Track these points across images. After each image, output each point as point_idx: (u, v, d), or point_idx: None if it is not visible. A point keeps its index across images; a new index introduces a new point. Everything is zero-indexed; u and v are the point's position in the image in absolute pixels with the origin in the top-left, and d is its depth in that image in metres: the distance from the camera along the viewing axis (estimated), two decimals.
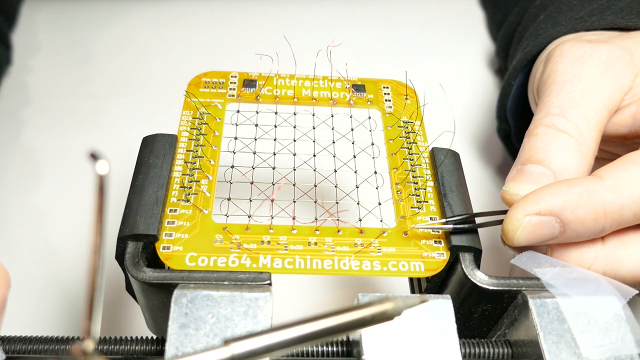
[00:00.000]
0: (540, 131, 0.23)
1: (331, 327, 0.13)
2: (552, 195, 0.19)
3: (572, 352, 0.17)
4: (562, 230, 0.19)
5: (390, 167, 0.23)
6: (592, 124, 0.23)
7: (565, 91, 0.24)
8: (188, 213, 0.21)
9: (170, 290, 0.18)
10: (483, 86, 0.42)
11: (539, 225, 0.19)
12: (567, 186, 0.20)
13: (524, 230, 0.19)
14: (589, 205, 0.19)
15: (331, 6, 0.48)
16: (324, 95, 0.27)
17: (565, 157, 0.22)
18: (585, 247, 0.20)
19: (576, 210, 0.19)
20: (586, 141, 0.22)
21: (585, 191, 0.19)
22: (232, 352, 0.13)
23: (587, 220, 0.19)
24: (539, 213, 0.19)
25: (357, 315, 0.13)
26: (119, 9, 0.46)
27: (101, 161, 0.11)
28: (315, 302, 0.30)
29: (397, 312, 0.14)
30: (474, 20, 0.48)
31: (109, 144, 0.37)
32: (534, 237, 0.20)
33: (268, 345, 0.13)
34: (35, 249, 0.32)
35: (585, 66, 0.24)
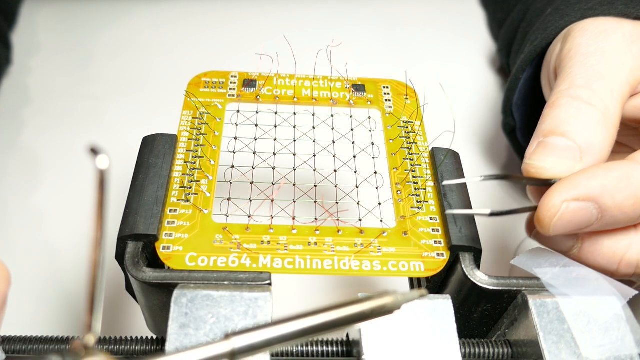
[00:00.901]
0: (564, 102, 0.22)
1: (331, 321, 0.13)
2: (589, 180, 0.19)
3: (572, 352, 0.17)
4: (599, 216, 0.19)
5: (390, 167, 0.23)
6: (617, 98, 0.22)
7: (589, 63, 0.23)
8: (188, 213, 0.21)
9: (170, 290, 0.18)
10: (483, 86, 0.42)
11: (578, 211, 0.19)
12: (604, 171, 0.19)
13: (562, 217, 0.19)
14: (629, 190, 0.18)
15: (331, 6, 0.48)
16: (324, 95, 0.27)
17: (591, 130, 0.21)
18: (618, 234, 0.20)
19: (615, 196, 0.18)
20: (611, 115, 0.21)
21: (624, 176, 0.19)
22: (232, 346, 0.12)
23: (626, 206, 0.18)
24: (577, 199, 0.18)
25: (357, 310, 0.13)
26: (119, 9, 0.46)
27: (101, 156, 0.11)
28: (315, 302, 0.30)
29: (396, 306, 0.14)
30: (474, 20, 0.48)
31: (109, 144, 0.37)
32: (572, 225, 0.19)
33: (268, 339, 0.13)
34: (35, 249, 0.32)
35: (609, 40, 0.23)
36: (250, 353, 0.13)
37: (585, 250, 0.20)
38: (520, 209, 0.20)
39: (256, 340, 0.13)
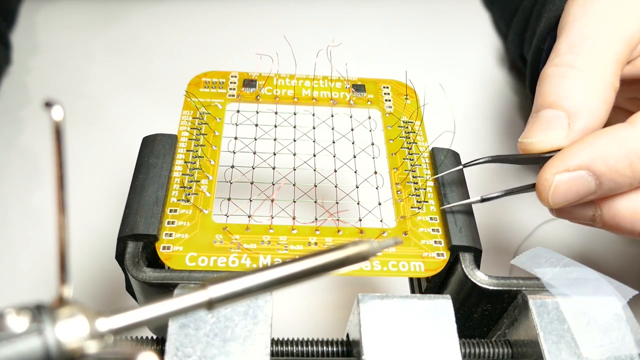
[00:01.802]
0: (549, 72, 0.21)
1: (309, 269, 0.13)
2: (580, 149, 0.19)
3: (572, 352, 0.17)
4: (597, 183, 0.19)
5: (390, 167, 0.23)
6: (608, 56, 0.21)
7: (575, 28, 0.22)
8: (188, 213, 0.21)
9: (171, 290, 0.18)
10: (483, 85, 0.42)
11: (571, 182, 0.19)
12: (594, 137, 0.19)
13: (556, 189, 0.19)
14: (620, 152, 0.18)
15: (331, 6, 0.48)
16: (324, 95, 0.27)
17: (579, 93, 0.20)
18: (633, 194, 0.19)
19: (607, 160, 0.18)
20: (602, 75, 0.21)
21: (614, 139, 0.18)
22: (209, 296, 0.12)
23: (622, 169, 0.18)
24: (568, 169, 0.19)
25: (334, 257, 0.13)
26: (118, 9, 0.46)
27: (56, 107, 0.11)
28: (315, 302, 0.30)
29: (372, 253, 0.14)
30: (474, 19, 0.48)
31: (108, 144, 0.37)
32: (570, 195, 0.19)
33: (246, 287, 0.13)
34: (35, 248, 0.32)
35: (595, 1, 0.22)
36: (227, 301, 0.12)
37: (606, 216, 0.20)
38: (516, 188, 0.20)
39: (233, 289, 0.12)
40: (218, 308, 0.13)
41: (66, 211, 0.12)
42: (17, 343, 0.11)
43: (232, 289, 0.12)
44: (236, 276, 0.13)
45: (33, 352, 0.11)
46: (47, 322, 0.11)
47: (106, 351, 0.11)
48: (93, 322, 0.11)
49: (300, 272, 0.13)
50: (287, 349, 0.18)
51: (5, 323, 0.11)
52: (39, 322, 0.11)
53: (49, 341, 0.11)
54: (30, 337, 0.11)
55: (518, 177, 0.36)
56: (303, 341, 0.19)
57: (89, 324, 0.11)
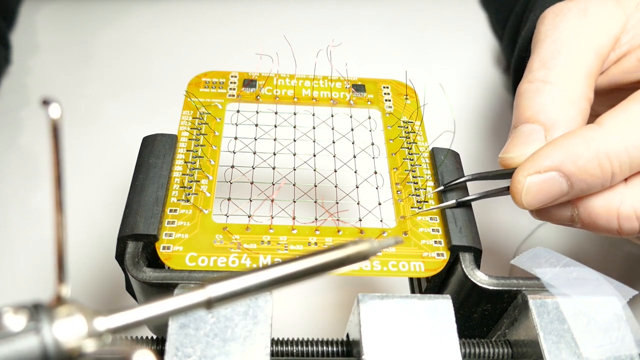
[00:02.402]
0: (524, 89, 0.22)
1: (308, 268, 0.13)
2: (550, 151, 0.19)
3: (572, 352, 0.17)
4: (569, 184, 0.19)
5: (390, 167, 0.23)
6: (580, 70, 0.22)
7: (546, 45, 0.23)
8: (188, 213, 0.21)
9: (171, 290, 0.18)
10: (483, 85, 0.42)
11: (543, 183, 0.19)
12: (564, 139, 0.19)
13: (528, 191, 0.19)
14: (589, 152, 0.19)
15: (331, 6, 0.48)
16: (324, 95, 0.27)
17: (553, 107, 0.21)
18: (607, 192, 0.20)
19: (577, 160, 0.19)
20: (575, 88, 0.21)
21: (583, 139, 0.19)
22: (208, 295, 0.12)
23: (591, 168, 0.19)
24: (538, 171, 0.19)
25: (334, 256, 0.13)
26: (118, 9, 0.46)
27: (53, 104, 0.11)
28: (315, 302, 0.30)
29: (372, 252, 0.14)
30: (474, 19, 0.48)
31: (108, 144, 0.37)
32: (542, 197, 0.19)
33: (244, 287, 0.13)
34: (34, 248, 0.32)
35: (565, 18, 0.23)
36: (227, 301, 0.12)
37: (582, 215, 0.20)
38: (491, 191, 0.21)
39: (232, 289, 0.12)
40: (217, 307, 0.13)
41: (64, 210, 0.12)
42: (14, 342, 0.11)
43: (231, 289, 0.12)
44: (235, 276, 0.13)
45: (30, 351, 0.11)
46: (44, 321, 0.11)
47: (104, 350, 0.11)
48: (91, 321, 0.11)
49: (300, 271, 0.13)
50: (287, 349, 0.18)
51: (3, 322, 0.11)
52: (36, 321, 0.11)
53: (47, 340, 0.11)
54: (27, 336, 0.11)
55: None
56: (303, 341, 0.19)
57: (87, 323, 0.11)
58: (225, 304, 0.13)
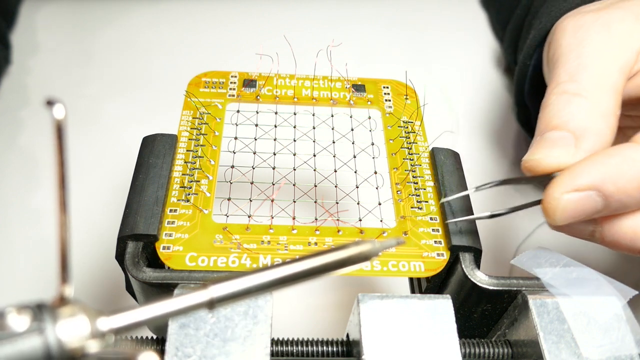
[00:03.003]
0: (553, 100, 0.22)
1: (310, 269, 0.13)
2: (589, 168, 0.19)
3: (572, 352, 0.17)
4: (605, 203, 0.19)
5: (390, 167, 0.23)
6: (606, 86, 0.22)
7: (571, 59, 0.23)
8: (188, 213, 0.21)
9: (171, 290, 0.18)
10: (483, 85, 0.42)
11: (579, 201, 0.19)
12: (603, 157, 0.19)
13: (564, 209, 0.19)
14: (630, 173, 0.18)
15: (331, 6, 0.48)
16: (324, 95, 0.27)
17: (584, 118, 0.20)
18: (637, 213, 0.19)
19: (617, 181, 0.18)
20: (603, 103, 0.21)
21: (624, 159, 0.18)
22: (210, 295, 0.12)
23: (631, 189, 0.18)
24: (577, 189, 0.18)
25: (336, 257, 0.13)
26: (118, 9, 0.46)
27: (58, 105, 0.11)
28: (315, 302, 0.30)
29: (374, 253, 0.14)
30: (474, 19, 0.48)
31: (108, 144, 0.37)
32: (576, 214, 0.19)
33: (247, 287, 0.13)
34: (34, 248, 0.32)
35: (588, 33, 0.23)
36: (229, 301, 0.12)
37: (606, 233, 0.20)
38: (522, 205, 0.20)
39: (235, 289, 0.12)
40: (219, 308, 0.13)
41: (67, 210, 0.12)
42: (18, 342, 0.11)
43: (234, 289, 0.12)
44: (237, 276, 0.13)
45: (34, 351, 0.11)
46: (48, 321, 0.11)
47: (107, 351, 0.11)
48: (94, 321, 0.11)
49: (302, 272, 0.13)
50: (287, 349, 0.18)
51: (6, 322, 0.11)
52: (39, 321, 0.11)
53: (50, 340, 0.11)
54: (31, 336, 0.11)
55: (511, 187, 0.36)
56: (303, 341, 0.19)
57: (90, 323, 0.11)
58: (228, 304, 0.13)
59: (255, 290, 0.13)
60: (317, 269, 0.13)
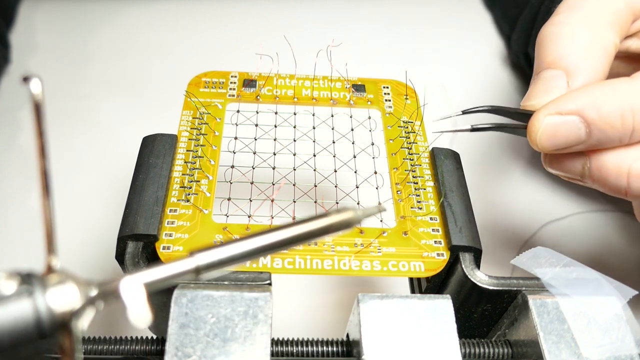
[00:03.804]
0: (547, 32, 0.21)
1: (294, 236, 0.13)
2: (576, 95, 0.19)
3: (572, 352, 0.17)
4: (587, 131, 0.19)
5: (390, 167, 0.23)
6: (607, 12, 0.21)
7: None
8: (188, 213, 0.21)
9: (170, 290, 0.18)
10: (484, 85, 0.42)
11: (561, 125, 0.19)
12: (593, 86, 0.19)
13: (545, 130, 0.19)
14: (613, 101, 0.18)
15: (331, 6, 0.48)
16: (324, 95, 0.27)
17: (576, 51, 0.20)
18: (622, 149, 0.19)
19: (600, 108, 0.18)
20: (599, 30, 0.20)
21: (611, 89, 0.18)
22: (196, 263, 0.13)
23: (613, 119, 0.18)
24: (560, 112, 0.19)
25: (318, 224, 0.14)
26: (118, 9, 0.46)
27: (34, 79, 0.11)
28: (315, 302, 0.30)
29: (356, 221, 0.14)
30: (474, 20, 0.48)
31: (108, 144, 0.37)
32: (558, 140, 0.19)
33: (231, 255, 0.13)
34: (34, 249, 0.32)
35: None
36: (214, 268, 0.13)
37: (593, 168, 0.20)
38: (508, 124, 0.20)
39: (219, 257, 0.13)
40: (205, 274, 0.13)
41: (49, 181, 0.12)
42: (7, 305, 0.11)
43: (218, 257, 0.13)
44: (222, 244, 0.13)
45: (24, 314, 0.11)
46: (37, 286, 0.11)
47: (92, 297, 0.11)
48: (83, 288, 0.11)
49: (286, 239, 0.13)
50: (287, 349, 0.18)
51: None
52: (29, 285, 0.11)
53: (39, 303, 0.11)
54: (20, 300, 0.11)
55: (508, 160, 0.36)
56: (303, 341, 0.19)
57: (78, 290, 0.11)
58: (213, 270, 0.13)
59: (240, 257, 0.13)
60: (300, 236, 0.13)
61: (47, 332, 0.11)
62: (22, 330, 0.11)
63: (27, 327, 0.11)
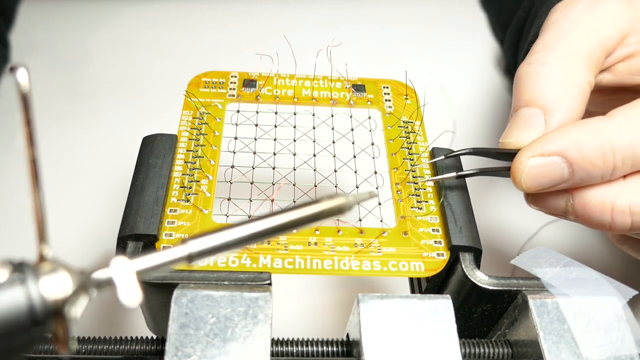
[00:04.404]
0: (524, 71, 0.22)
1: (286, 223, 0.14)
2: (557, 135, 0.19)
3: (572, 352, 0.17)
4: (570, 171, 0.19)
5: (390, 167, 0.23)
6: (581, 53, 0.22)
7: (550, 31, 0.23)
8: (188, 213, 0.21)
9: (170, 290, 0.18)
10: (485, 84, 0.42)
11: (545, 166, 0.19)
12: (572, 126, 0.19)
13: (529, 172, 0.19)
14: (594, 141, 0.19)
15: (331, 6, 0.48)
16: (324, 95, 0.27)
17: (552, 89, 0.21)
18: (605, 185, 0.20)
19: (581, 148, 0.19)
20: (574, 70, 0.21)
21: (590, 129, 0.19)
22: (188, 250, 0.13)
23: (594, 158, 0.19)
24: (542, 154, 0.19)
25: (310, 211, 0.14)
26: (118, 9, 0.46)
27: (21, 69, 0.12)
28: (315, 302, 0.30)
29: (347, 207, 0.14)
30: (474, 20, 0.48)
31: (108, 144, 0.37)
32: (542, 180, 0.19)
33: (224, 242, 0.13)
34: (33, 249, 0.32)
35: (573, 9, 0.23)
36: (206, 255, 0.13)
37: (577, 205, 0.20)
38: (492, 168, 0.21)
39: (212, 244, 0.13)
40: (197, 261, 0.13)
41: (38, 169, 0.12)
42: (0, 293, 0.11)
43: (211, 244, 0.13)
44: (214, 231, 0.13)
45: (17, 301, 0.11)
46: (29, 274, 0.11)
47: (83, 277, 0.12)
48: (75, 276, 0.12)
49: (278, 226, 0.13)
50: (287, 349, 0.18)
51: None
52: (21, 272, 0.11)
53: (32, 291, 0.11)
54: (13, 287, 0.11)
55: None
56: (303, 341, 0.19)
57: (70, 277, 0.11)
58: (205, 257, 0.13)
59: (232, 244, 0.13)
60: (292, 222, 0.13)
61: (41, 320, 0.11)
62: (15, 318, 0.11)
63: (20, 314, 0.11)
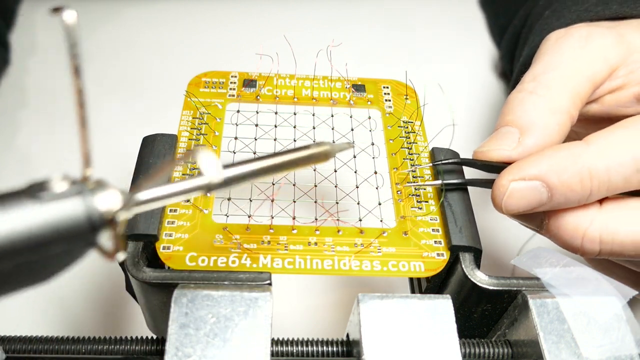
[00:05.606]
0: (512, 98, 0.23)
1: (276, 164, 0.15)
2: (538, 160, 0.20)
3: (572, 352, 0.17)
4: (549, 195, 0.20)
5: (390, 167, 0.23)
6: (568, 87, 0.22)
7: (542, 63, 0.24)
8: (188, 213, 0.21)
9: (170, 290, 0.18)
10: (483, 86, 0.42)
11: (525, 190, 0.20)
12: (552, 151, 0.20)
13: (510, 195, 0.20)
14: (573, 168, 0.19)
15: (331, 6, 0.48)
16: (324, 95, 0.27)
17: (533, 113, 0.22)
18: (580, 210, 0.20)
19: (561, 174, 0.19)
20: (557, 100, 0.22)
21: (569, 155, 0.20)
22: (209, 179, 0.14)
23: (573, 184, 0.19)
24: (523, 178, 0.20)
25: (299, 155, 0.16)
26: (118, 9, 0.46)
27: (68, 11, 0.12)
28: (315, 302, 0.30)
29: (331, 154, 0.16)
30: (475, 21, 0.48)
31: (108, 144, 0.37)
32: (522, 203, 0.20)
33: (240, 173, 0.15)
34: None
35: (565, 42, 0.24)
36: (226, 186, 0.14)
37: (551, 225, 0.21)
38: (476, 180, 0.22)
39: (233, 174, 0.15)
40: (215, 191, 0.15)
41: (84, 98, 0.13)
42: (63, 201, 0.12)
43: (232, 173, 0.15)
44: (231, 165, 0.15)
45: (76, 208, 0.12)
46: (86, 188, 0.13)
47: None
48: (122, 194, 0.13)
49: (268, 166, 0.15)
50: (287, 349, 0.18)
51: (51, 185, 0.12)
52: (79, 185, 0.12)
53: (89, 201, 0.12)
54: (74, 197, 0.12)
55: None
56: (303, 341, 0.19)
57: (119, 193, 0.13)
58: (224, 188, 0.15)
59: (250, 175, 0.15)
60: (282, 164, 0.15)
61: (97, 226, 0.12)
62: (76, 223, 0.12)
63: (81, 220, 0.12)
